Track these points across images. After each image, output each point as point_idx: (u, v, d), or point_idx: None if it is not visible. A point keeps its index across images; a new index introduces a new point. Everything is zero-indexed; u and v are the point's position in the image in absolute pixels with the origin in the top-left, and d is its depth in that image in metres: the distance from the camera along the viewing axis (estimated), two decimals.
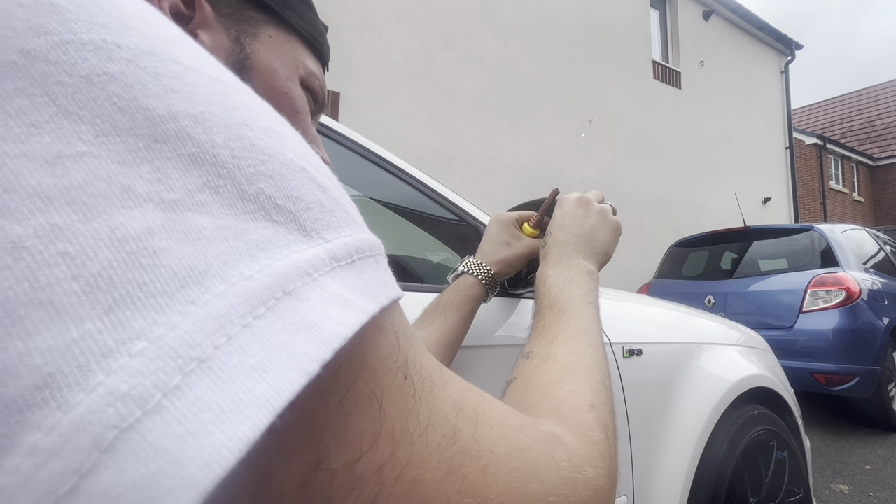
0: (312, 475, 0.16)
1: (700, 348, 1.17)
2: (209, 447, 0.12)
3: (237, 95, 0.18)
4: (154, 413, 0.12)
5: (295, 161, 0.18)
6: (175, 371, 0.12)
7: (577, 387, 0.33)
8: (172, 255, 0.13)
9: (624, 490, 0.90)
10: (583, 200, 0.58)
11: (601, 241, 0.55)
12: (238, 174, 0.16)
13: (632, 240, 6.34)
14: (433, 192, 0.91)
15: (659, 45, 8.22)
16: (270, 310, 0.14)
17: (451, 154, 5.28)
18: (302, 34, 0.41)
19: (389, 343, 0.19)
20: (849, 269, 3.32)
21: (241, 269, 0.14)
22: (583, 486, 0.24)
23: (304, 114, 0.41)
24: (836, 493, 2.34)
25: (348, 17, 4.64)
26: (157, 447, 0.11)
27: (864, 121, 17.00)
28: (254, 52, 0.38)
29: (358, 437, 0.16)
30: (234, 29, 0.37)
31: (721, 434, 1.09)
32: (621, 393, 0.93)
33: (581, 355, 0.37)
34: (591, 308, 0.44)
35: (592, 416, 0.30)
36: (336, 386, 0.16)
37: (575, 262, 0.50)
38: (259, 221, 0.16)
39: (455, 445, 0.19)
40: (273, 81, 0.39)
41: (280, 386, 0.13)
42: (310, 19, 0.43)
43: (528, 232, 0.66)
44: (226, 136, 0.16)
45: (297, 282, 0.15)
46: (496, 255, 0.65)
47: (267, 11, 0.39)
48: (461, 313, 0.62)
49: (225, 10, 0.37)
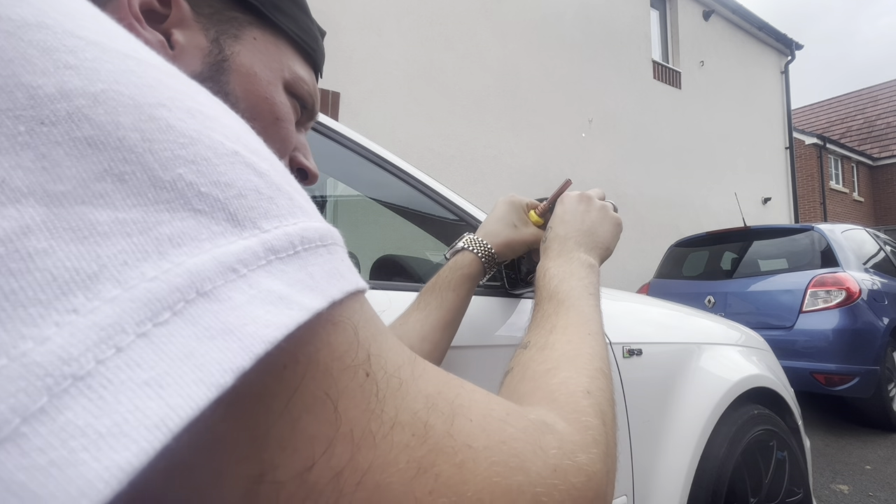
0: (255, 489, 0.14)
1: (700, 348, 1.17)
2: (78, 479, 0.10)
3: (153, 73, 0.16)
4: (9, 442, 0.10)
5: (225, 144, 0.16)
6: (41, 391, 0.10)
7: (573, 373, 0.32)
8: (53, 257, 0.12)
9: (624, 490, 0.90)
10: (584, 197, 0.58)
11: (602, 236, 0.55)
12: (150, 159, 0.14)
13: (632, 240, 6.34)
14: (433, 192, 0.91)
15: (659, 45, 8.21)
16: (178, 314, 0.13)
17: (451, 154, 5.28)
18: (291, 37, 0.40)
19: (346, 339, 0.17)
20: (849, 269, 3.32)
21: (143, 270, 0.13)
22: (574, 473, 0.23)
23: (285, 121, 0.39)
24: (836, 493, 2.34)
25: (348, 17, 4.64)
26: (10, 483, 0.10)
27: (864, 121, 17.00)
28: (233, 55, 0.36)
29: (309, 444, 0.15)
30: (214, 29, 0.36)
31: (721, 434, 1.09)
32: (621, 393, 0.93)
33: (579, 343, 0.36)
34: (591, 299, 0.43)
35: (588, 402, 0.29)
36: (279, 390, 0.15)
37: (575, 256, 0.50)
38: (176, 212, 0.14)
39: (426, 444, 0.18)
40: (253, 85, 0.37)
41: (179, 402, 0.12)
42: (301, 22, 0.41)
43: (534, 220, 0.65)
44: (135, 116, 0.14)
45: (218, 280, 0.14)
46: (500, 235, 0.63)
47: (253, 13, 0.37)
48: (458, 293, 0.60)
49: (206, 9, 0.36)
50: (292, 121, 0.40)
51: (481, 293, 0.82)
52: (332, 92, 4.40)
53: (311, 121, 0.44)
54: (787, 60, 10.37)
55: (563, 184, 0.65)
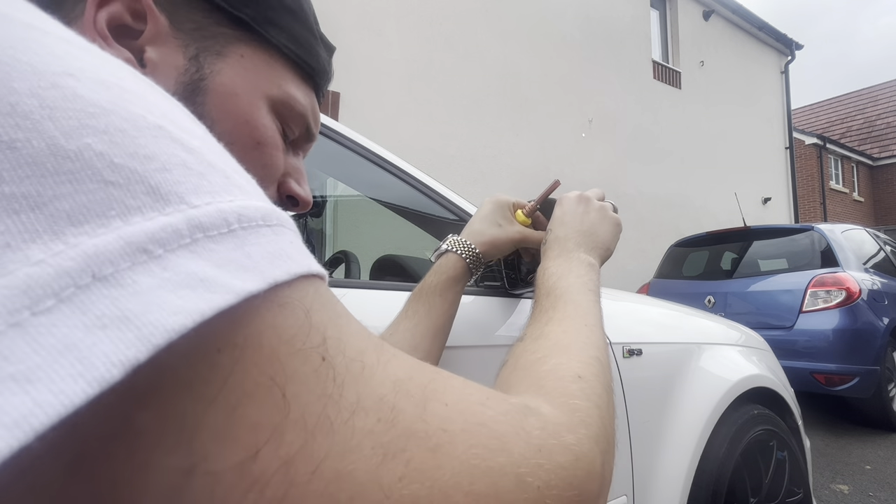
0: (187, 481, 0.13)
1: (700, 348, 1.17)
2: None
3: (62, 45, 0.14)
4: None
5: (147, 118, 0.15)
6: None
7: (564, 360, 0.31)
8: None
9: (624, 490, 0.90)
10: (583, 198, 0.58)
11: (602, 236, 0.54)
12: (49, 126, 0.12)
13: (632, 240, 6.34)
14: (433, 191, 0.91)
15: (659, 45, 8.22)
16: (64, 301, 0.11)
17: (451, 154, 5.28)
18: (286, 55, 0.36)
19: (295, 322, 0.16)
20: (849, 269, 3.32)
21: (29, 252, 0.11)
22: (560, 452, 0.22)
23: (268, 145, 0.36)
24: (836, 493, 2.34)
25: (348, 17, 4.64)
26: None
27: (864, 121, 17.00)
28: (213, 73, 0.33)
29: (251, 432, 0.14)
30: (195, 46, 0.33)
31: (721, 434, 1.09)
32: (621, 393, 0.93)
33: (575, 333, 0.36)
34: (590, 294, 0.43)
35: (577, 385, 0.29)
36: (212, 376, 0.14)
37: (575, 255, 0.50)
38: (82, 183, 0.13)
39: (395, 428, 0.17)
40: (232, 106, 0.33)
41: (48, 399, 0.10)
42: (301, 39, 0.37)
43: (521, 219, 0.64)
44: (32, 83, 0.13)
45: (122, 262, 0.12)
46: (485, 234, 0.61)
47: (243, 28, 0.34)
48: (446, 298, 0.58)
49: (187, 24, 0.33)
50: (278, 145, 0.37)
51: (481, 293, 0.82)
52: (332, 92, 4.40)
53: (309, 143, 0.41)
54: (787, 60, 10.37)
55: (552, 184, 0.65)
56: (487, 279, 0.87)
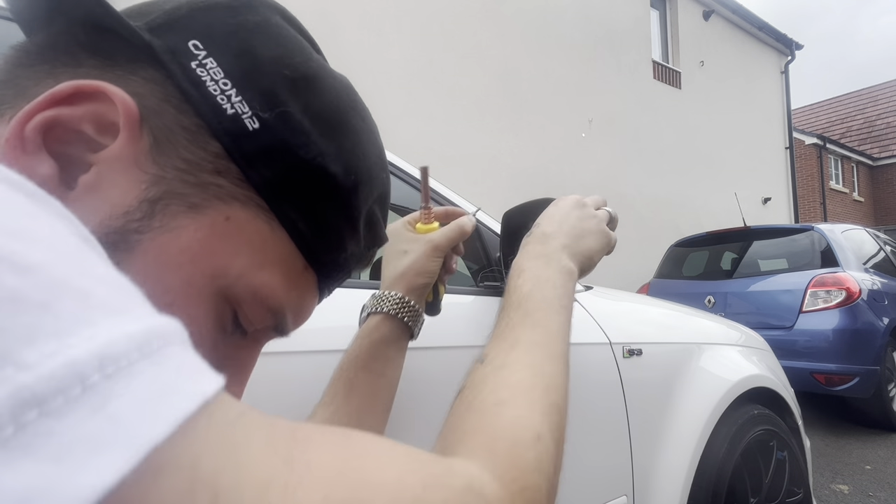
0: None
1: (700, 348, 1.17)
2: None
3: None
4: None
5: None
6: None
7: (526, 412, 0.29)
8: None
9: (624, 490, 0.90)
10: (580, 202, 0.54)
11: (589, 245, 0.50)
12: None
13: (632, 240, 6.33)
14: (433, 191, 0.91)
15: (659, 46, 8.21)
16: None
17: (451, 154, 5.28)
18: (291, 236, 0.29)
19: (176, 487, 0.13)
20: (849, 269, 3.32)
21: None
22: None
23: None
24: (836, 493, 2.34)
25: (348, 17, 4.64)
26: None
27: (864, 121, 17.00)
28: (161, 230, 0.24)
29: None
30: (163, 189, 0.24)
31: (721, 434, 1.09)
32: (621, 393, 0.93)
33: (540, 369, 0.33)
34: (562, 313, 0.40)
35: (534, 453, 0.27)
36: None
37: (556, 258, 0.45)
38: None
39: None
40: (157, 282, 0.24)
41: None
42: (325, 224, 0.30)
43: (425, 229, 0.56)
44: None
45: None
46: (397, 270, 0.53)
47: (247, 188, 0.27)
48: (372, 370, 0.49)
49: (176, 159, 0.25)
50: (204, 343, 0.27)
51: (481, 293, 0.82)
52: None
53: (277, 336, 0.32)
54: (787, 60, 10.37)
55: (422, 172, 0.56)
56: (487, 279, 0.87)
